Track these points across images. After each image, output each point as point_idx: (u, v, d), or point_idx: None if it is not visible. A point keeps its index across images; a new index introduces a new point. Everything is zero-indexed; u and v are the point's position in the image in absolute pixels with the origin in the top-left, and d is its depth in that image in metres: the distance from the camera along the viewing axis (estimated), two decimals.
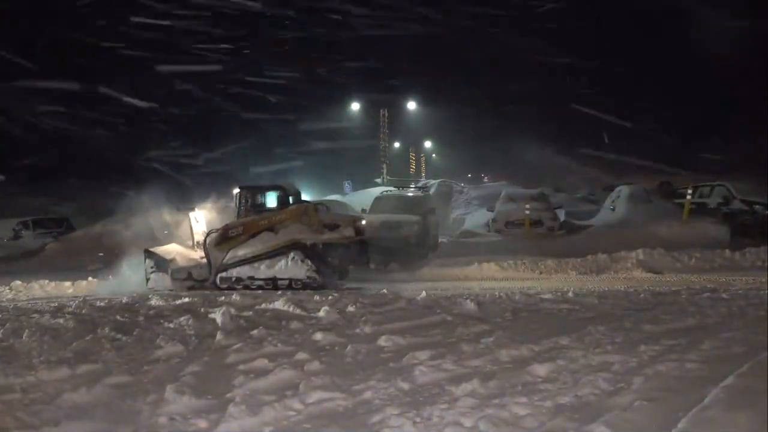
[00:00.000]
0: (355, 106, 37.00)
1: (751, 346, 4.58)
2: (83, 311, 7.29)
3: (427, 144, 52.56)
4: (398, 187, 19.85)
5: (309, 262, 10.09)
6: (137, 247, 11.38)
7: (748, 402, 3.19)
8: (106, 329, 5.89)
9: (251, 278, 10.23)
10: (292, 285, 9.99)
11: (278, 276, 10.14)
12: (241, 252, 10.31)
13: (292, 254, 10.16)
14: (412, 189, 18.56)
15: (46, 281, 11.52)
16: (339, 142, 41.76)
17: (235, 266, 10.28)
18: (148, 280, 10.62)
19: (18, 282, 11.33)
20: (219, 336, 5.63)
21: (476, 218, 19.71)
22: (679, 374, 4.00)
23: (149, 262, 10.68)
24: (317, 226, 10.39)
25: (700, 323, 5.72)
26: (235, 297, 8.20)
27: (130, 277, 11.08)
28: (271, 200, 11.51)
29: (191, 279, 10.52)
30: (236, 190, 11.68)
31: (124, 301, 8.44)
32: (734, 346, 4.67)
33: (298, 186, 11.94)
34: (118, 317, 6.78)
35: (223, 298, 8.30)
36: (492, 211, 16.78)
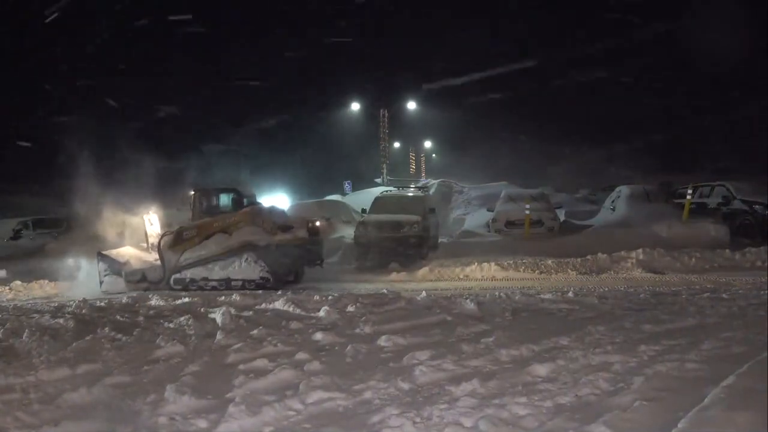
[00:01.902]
0: (355, 106, 36.94)
1: (751, 346, 4.58)
2: (83, 311, 7.30)
3: (427, 144, 52.51)
4: (398, 187, 19.87)
5: (262, 263, 10.20)
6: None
7: (748, 402, 3.18)
8: (106, 329, 5.89)
9: (205, 279, 10.29)
10: (246, 286, 10.04)
11: (232, 277, 10.23)
12: (196, 254, 10.39)
13: (245, 255, 10.26)
14: (412, 189, 18.55)
15: (46, 281, 11.52)
16: (339, 142, 41.75)
17: (189, 267, 10.35)
18: (101, 282, 10.59)
19: (18, 282, 11.34)
20: (219, 336, 5.64)
21: (476, 218, 19.68)
22: (679, 374, 3.99)
23: (102, 265, 10.66)
24: (271, 227, 10.45)
25: (700, 323, 5.71)
26: (235, 297, 8.21)
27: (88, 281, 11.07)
28: (226, 202, 11.58)
29: (145, 281, 10.53)
30: (191, 193, 11.70)
31: (123, 301, 8.44)
32: (734, 346, 4.66)
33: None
34: (118, 317, 6.79)
35: (223, 298, 8.31)
36: (492, 211, 16.78)
